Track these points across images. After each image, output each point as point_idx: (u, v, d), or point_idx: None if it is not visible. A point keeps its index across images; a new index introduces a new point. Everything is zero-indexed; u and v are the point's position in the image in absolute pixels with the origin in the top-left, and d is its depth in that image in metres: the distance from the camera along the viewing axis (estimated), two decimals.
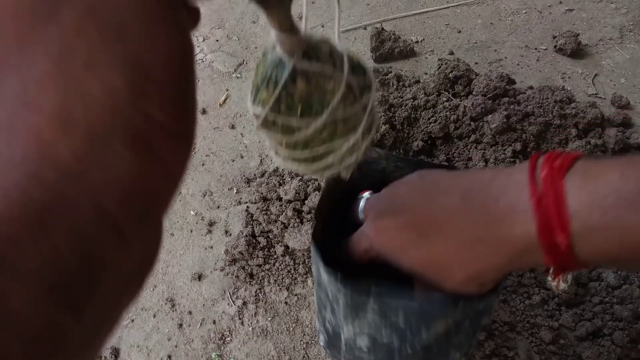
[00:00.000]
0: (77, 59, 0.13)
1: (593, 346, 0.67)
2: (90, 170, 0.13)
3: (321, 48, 0.29)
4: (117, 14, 0.14)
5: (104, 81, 0.14)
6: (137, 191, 0.14)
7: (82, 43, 0.13)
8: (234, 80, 1.15)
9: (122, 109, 0.14)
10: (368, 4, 1.32)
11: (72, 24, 0.13)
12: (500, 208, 0.33)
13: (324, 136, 0.30)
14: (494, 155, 0.87)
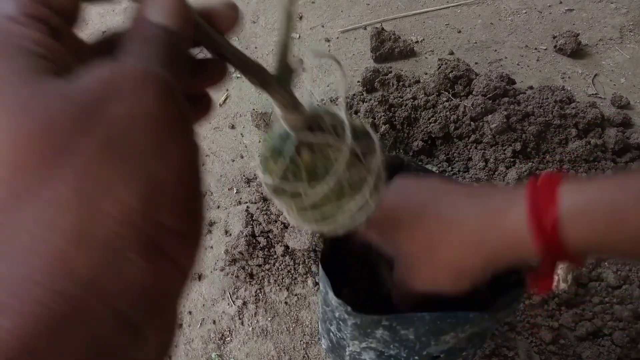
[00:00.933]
0: (94, 184, 0.15)
1: (593, 346, 0.67)
2: (107, 279, 0.15)
3: (324, 119, 0.32)
4: (131, 139, 0.16)
5: (119, 200, 0.15)
6: (152, 291, 0.16)
7: (98, 169, 0.15)
8: (234, 80, 1.15)
9: (135, 223, 0.15)
10: (368, 4, 1.32)
11: (89, 153, 0.15)
12: (499, 201, 0.37)
13: (331, 198, 0.32)
14: (494, 155, 0.87)
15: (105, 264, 0.15)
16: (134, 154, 0.16)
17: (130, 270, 0.15)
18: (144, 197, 0.16)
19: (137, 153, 0.16)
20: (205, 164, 0.99)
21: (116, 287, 0.15)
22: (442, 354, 0.46)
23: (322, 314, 0.54)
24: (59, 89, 0.16)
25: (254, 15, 1.32)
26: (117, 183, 0.15)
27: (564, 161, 0.88)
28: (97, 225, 0.15)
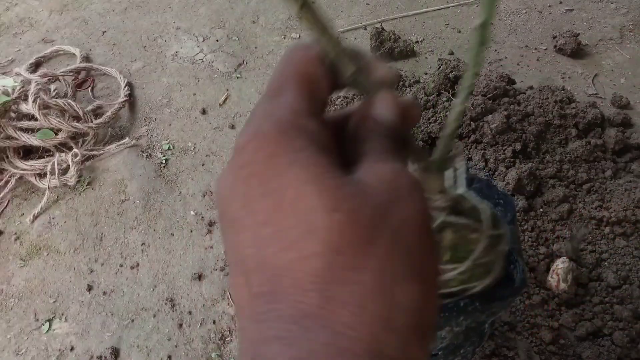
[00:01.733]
0: (390, 275, 0.19)
1: (593, 346, 0.67)
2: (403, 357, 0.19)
3: (463, 203, 0.35)
4: (410, 237, 0.20)
5: (407, 291, 0.19)
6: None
7: (391, 263, 0.19)
8: (234, 80, 1.15)
9: (420, 311, 0.19)
10: (368, 4, 1.32)
11: (384, 248, 0.19)
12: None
13: (462, 278, 0.35)
14: (494, 155, 0.87)
15: (401, 347, 0.18)
16: (413, 251, 0.19)
17: (410, 355, 0.19)
18: (424, 290, 0.19)
19: (415, 250, 0.20)
20: (205, 164, 0.99)
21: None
22: (440, 351, 0.46)
23: None
24: (354, 185, 0.20)
25: (254, 15, 1.32)
26: (404, 276, 0.19)
27: (564, 161, 0.88)
28: (394, 312, 0.18)
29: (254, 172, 0.20)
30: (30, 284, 0.84)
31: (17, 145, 0.97)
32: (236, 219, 0.21)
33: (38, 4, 1.45)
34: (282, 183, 0.19)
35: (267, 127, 0.21)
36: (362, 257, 0.18)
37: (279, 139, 0.20)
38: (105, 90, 1.16)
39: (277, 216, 0.19)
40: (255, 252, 0.20)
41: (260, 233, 0.19)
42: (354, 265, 0.18)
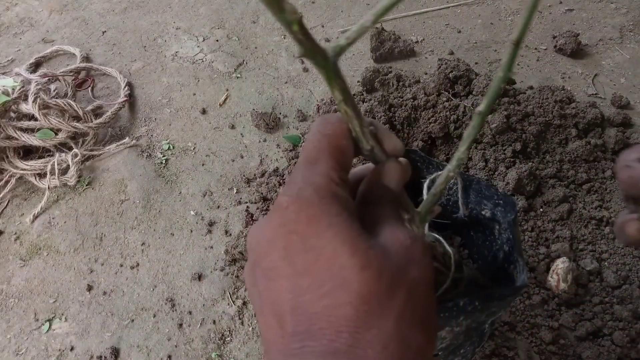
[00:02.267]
0: (406, 325, 0.23)
1: (593, 346, 0.67)
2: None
3: (436, 249, 0.41)
4: (420, 297, 0.24)
5: (417, 337, 0.23)
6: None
7: (407, 315, 0.23)
8: (234, 80, 1.15)
9: (424, 352, 0.23)
10: (368, 4, 1.32)
11: (401, 302, 0.23)
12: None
13: None
14: (494, 155, 0.87)
15: None
16: (423, 304, 0.24)
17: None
18: (428, 337, 0.24)
19: (424, 304, 0.24)
20: (205, 164, 0.99)
21: None
22: (440, 352, 0.46)
23: None
24: (379, 248, 0.24)
25: (254, 15, 1.32)
26: (415, 324, 0.23)
27: (564, 161, 0.88)
28: (408, 352, 0.23)
29: (295, 230, 0.24)
30: (30, 284, 0.84)
31: (17, 145, 0.97)
32: (274, 268, 0.24)
33: (38, 4, 1.45)
34: (321, 242, 0.23)
35: (308, 192, 0.24)
36: (385, 307, 0.23)
37: (319, 204, 0.24)
38: (105, 90, 1.16)
39: (315, 269, 0.23)
40: (293, 297, 0.23)
41: (299, 282, 0.23)
42: (379, 313, 0.22)
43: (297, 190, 0.25)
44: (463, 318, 0.41)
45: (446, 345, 0.45)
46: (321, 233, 0.23)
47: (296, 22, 0.20)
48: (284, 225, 0.24)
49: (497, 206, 0.51)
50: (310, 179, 0.25)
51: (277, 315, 0.24)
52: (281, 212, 0.24)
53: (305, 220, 0.23)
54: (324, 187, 0.25)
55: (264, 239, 0.25)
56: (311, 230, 0.23)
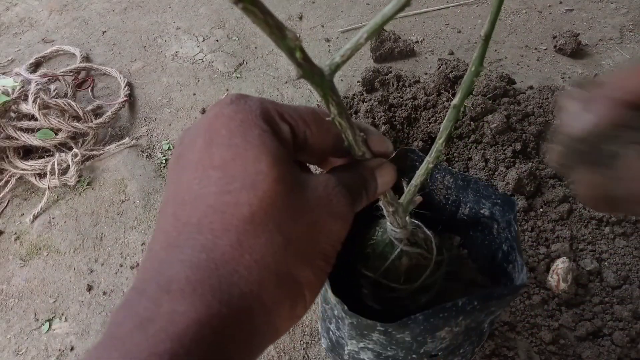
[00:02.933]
0: (292, 250, 0.23)
1: (593, 346, 0.67)
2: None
3: (418, 235, 0.44)
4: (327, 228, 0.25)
5: (301, 271, 0.24)
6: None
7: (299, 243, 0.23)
8: (234, 80, 1.15)
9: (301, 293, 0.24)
10: (368, 4, 1.32)
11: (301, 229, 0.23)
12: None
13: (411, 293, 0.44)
14: (494, 155, 0.87)
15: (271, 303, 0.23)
16: (325, 249, 0.25)
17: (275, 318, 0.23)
18: (315, 285, 0.25)
19: (326, 249, 0.25)
20: None
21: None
22: (440, 352, 0.46)
23: (322, 312, 0.54)
24: (302, 176, 0.24)
25: None
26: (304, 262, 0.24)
27: None
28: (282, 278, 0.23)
29: (226, 125, 0.23)
30: (30, 284, 0.84)
31: (17, 145, 0.97)
32: (193, 158, 0.23)
33: (38, 4, 1.45)
34: (246, 145, 0.23)
35: (255, 104, 0.24)
36: (282, 225, 0.22)
37: (260, 117, 0.24)
38: (105, 90, 1.16)
39: (230, 165, 0.22)
40: (199, 188, 0.23)
41: (209, 173, 0.23)
42: (273, 228, 0.22)
43: (246, 97, 0.24)
44: (462, 318, 0.41)
45: (446, 346, 0.45)
46: (250, 137, 0.23)
47: (298, 49, 0.21)
48: (218, 118, 0.24)
49: (496, 205, 0.52)
50: (266, 102, 0.25)
51: (177, 205, 0.23)
52: (220, 106, 0.24)
53: (239, 121, 0.23)
54: (272, 112, 0.25)
55: (195, 131, 0.24)
56: (241, 131, 0.23)
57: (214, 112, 0.24)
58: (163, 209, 0.24)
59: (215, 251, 0.21)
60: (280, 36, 0.20)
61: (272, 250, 0.22)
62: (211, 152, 0.23)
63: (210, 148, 0.23)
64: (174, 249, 0.22)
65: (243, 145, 0.23)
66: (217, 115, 0.24)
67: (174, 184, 0.24)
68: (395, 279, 0.43)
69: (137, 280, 0.22)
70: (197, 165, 0.23)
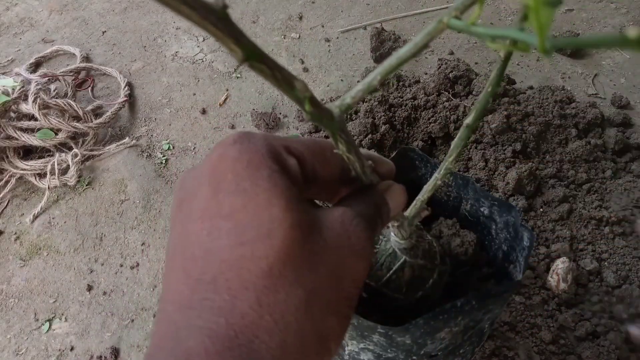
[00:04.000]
0: (316, 302, 0.21)
1: (593, 346, 0.67)
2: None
3: (421, 246, 0.44)
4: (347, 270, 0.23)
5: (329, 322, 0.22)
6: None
7: (322, 292, 0.21)
8: (234, 80, 1.15)
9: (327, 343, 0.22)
10: (368, 4, 1.32)
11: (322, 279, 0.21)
12: None
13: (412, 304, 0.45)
14: (494, 155, 0.87)
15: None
16: (347, 294, 0.23)
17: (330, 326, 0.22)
18: (340, 327, 0.23)
19: (348, 294, 0.23)
20: None
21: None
22: (440, 352, 0.46)
23: None
24: (316, 217, 0.23)
25: (254, 15, 1.32)
26: (330, 309, 0.22)
27: (564, 161, 0.88)
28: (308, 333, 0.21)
29: (233, 169, 0.21)
30: (30, 284, 0.84)
31: (17, 145, 0.97)
32: (198, 207, 0.22)
33: (38, 4, 1.45)
34: (256, 189, 0.21)
35: (260, 142, 0.22)
36: (301, 276, 0.21)
37: (267, 155, 0.22)
38: (105, 90, 1.16)
39: (241, 214, 0.21)
40: (209, 240, 0.21)
41: (219, 224, 0.21)
42: (293, 280, 0.20)
43: (250, 135, 0.23)
44: (461, 318, 0.41)
45: (445, 346, 0.45)
46: (259, 180, 0.21)
47: (308, 100, 0.20)
48: (222, 160, 0.22)
49: (493, 206, 0.52)
50: (270, 138, 0.23)
51: (186, 259, 0.21)
52: (224, 147, 0.22)
53: (246, 162, 0.21)
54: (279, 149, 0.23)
55: (198, 175, 0.23)
56: (249, 174, 0.21)
57: (217, 154, 0.22)
58: (171, 262, 0.22)
59: (234, 314, 0.20)
60: (289, 88, 0.20)
61: (293, 306, 0.20)
62: (218, 199, 0.21)
63: (217, 195, 0.21)
64: (189, 311, 0.20)
65: (253, 190, 0.21)
66: (222, 158, 0.22)
67: (179, 235, 0.22)
68: (397, 289, 0.43)
69: (153, 347, 0.20)
70: (204, 214, 0.21)
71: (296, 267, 0.21)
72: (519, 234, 0.47)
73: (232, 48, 0.17)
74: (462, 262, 0.53)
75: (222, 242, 0.20)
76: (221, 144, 0.23)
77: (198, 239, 0.21)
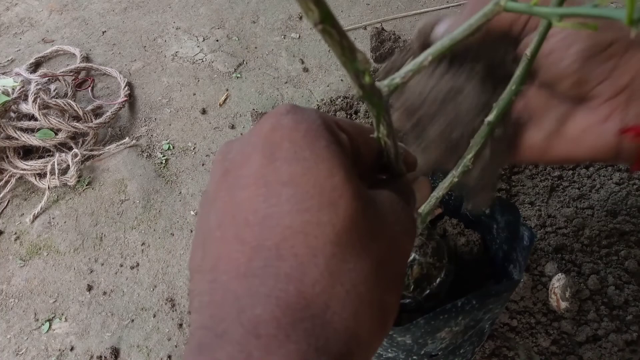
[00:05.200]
0: (381, 274, 0.21)
1: (594, 347, 0.67)
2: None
3: (430, 244, 0.45)
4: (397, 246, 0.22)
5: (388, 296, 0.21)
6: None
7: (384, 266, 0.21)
8: (234, 80, 1.15)
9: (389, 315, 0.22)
10: (368, 4, 1.32)
11: (383, 249, 0.21)
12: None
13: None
14: None
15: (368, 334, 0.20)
16: (398, 273, 0.22)
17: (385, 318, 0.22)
18: (395, 309, 0.22)
19: (398, 274, 0.23)
20: (205, 164, 0.99)
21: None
22: (440, 352, 0.46)
23: None
24: (369, 195, 0.22)
25: (254, 15, 1.32)
26: (388, 287, 0.21)
27: None
28: (375, 306, 0.20)
29: (289, 137, 0.21)
30: (30, 284, 0.84)
31: (17, 145, 0.97)
32: (250, 175, 0.21)
33: (38, 4, 1.45)
34: (317, 157, 0.20)
35: (315, 114, 0.22)
36: (366, 247, 0.20)
37: (322, 126, 0.21)
38: (105, 90, 1.16)
39: (302, 181, 0.20)
40: (267, 207, 0.20)
41: (279, 190, 0.20)
42: (359, 249, 0.20)
43: (302, 107, 0.22)
44: (462, 317, 0.41)
45: (445, 345, 0.45)
46: (318, 150, 0.20)
47: (367, 73, 0.20)
48: (276, 129, 0.21)
49: (495, 205, 0.52)
50: (320, 112, 0.23)
51: (238, 226, 0.20)
52: (276, 117, 0.21)
53: (304, 131, 0.21)
54: (331, 122, 0.23)
55: (246, 144, 0.22)
56: (307, 142, 0.20)
57: (269, 124, 0.21)
58: (217, 231, 0.21)
59: (304, 282, 0.19)
60: (351, 58, 0.19)
61: (362, 276, 0.20)
62: (275, 166, 0.20)
63: (274, 163, 0.20)
64: (251, 279, 0.19)
65: (313, 159, 0.20)
66: (275, 127, 0.21)
67: (227, 203, 0.21)
68: (404, 287, 0.43)
69: (208, 318, 0.19)
70: (258, 181, 0.20)
71: (361, 236, 0.20)
72: (520, 234, 0.47)
73: (309, 7, 0.16)
74: (467, 261, 0.53)
75: (283, 208, 0.20)
76: (272, 114, 0.22)
77: (252, 205, 0.20)
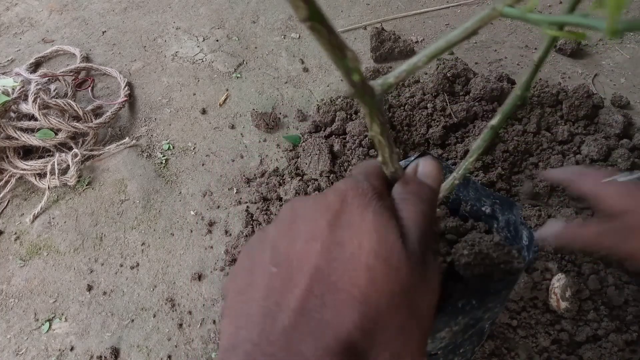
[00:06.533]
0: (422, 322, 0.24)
1: (594, 347, 0.67)
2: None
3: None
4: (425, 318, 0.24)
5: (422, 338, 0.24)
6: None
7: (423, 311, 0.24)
8: (234, 80, 1.15)
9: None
10: (368, 4, 1.32)
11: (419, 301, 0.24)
12: None
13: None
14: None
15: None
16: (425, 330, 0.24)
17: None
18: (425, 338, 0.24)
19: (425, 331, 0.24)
20: (205, 164, 0.99)
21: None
22: (440, 351, 0.46)
23: None
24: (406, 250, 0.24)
25: (254, 15, 1.32)
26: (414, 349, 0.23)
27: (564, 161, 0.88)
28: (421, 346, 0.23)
29: (345, 201, 0.25)
30: (30, 284, 0.84)
31: (17, 145, 0.97)
32: (313, 230, 0.24)
33: (38, 4, 1.45)
34: (366, 221, 0.24)
35: (365, 185, 0.25)
36: (412, 302, 0.23)
37: (374, 192, 0.25)
38: (105, 90, 1.16)
39: (355, 242, 0.23)
40: (323, 260, 0.23)
41: (332, 249, 0.23)
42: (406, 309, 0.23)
43: (355, 181, 0.26)
44: (462, 317, 0.41)
45: (445, 345, 0.45)
46: (368, 215, 0.24)
47: (356, 71, 0.20)
48: (336, 198, 0.25)
49: (495, 204, 0.52)
50: (364, 177, 0.27)
51: (292, 272, 0.23)
52: (333, 189, 0.26)
53: (355, 197, 0.25)
54: (376, 185, 0.26)
55: (311, 207, 0.25)
56: (359, 209, 0.24)
57: (333, 194, 0.25)
58: (269, 265, 0.24)
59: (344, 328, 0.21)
60: (340, 56, 0.19)
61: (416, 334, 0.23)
62: (334, 230, 0.24)
63: (334, 228, 0.24)
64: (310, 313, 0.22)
65: (364, 226, 0.23)
66: (336, 194, 0.25)
67: (288, 251, 0.24)
68: None
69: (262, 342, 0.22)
70: (319, 239, 0.24)
71: (410, 294, 0.23)
72: (519, 233, 0.47)
73: (297, 4, 0.16)
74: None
75: (334, 264, 0.23)
76: (334, 191, 0.26)
77: (309, 258, 0.23)
